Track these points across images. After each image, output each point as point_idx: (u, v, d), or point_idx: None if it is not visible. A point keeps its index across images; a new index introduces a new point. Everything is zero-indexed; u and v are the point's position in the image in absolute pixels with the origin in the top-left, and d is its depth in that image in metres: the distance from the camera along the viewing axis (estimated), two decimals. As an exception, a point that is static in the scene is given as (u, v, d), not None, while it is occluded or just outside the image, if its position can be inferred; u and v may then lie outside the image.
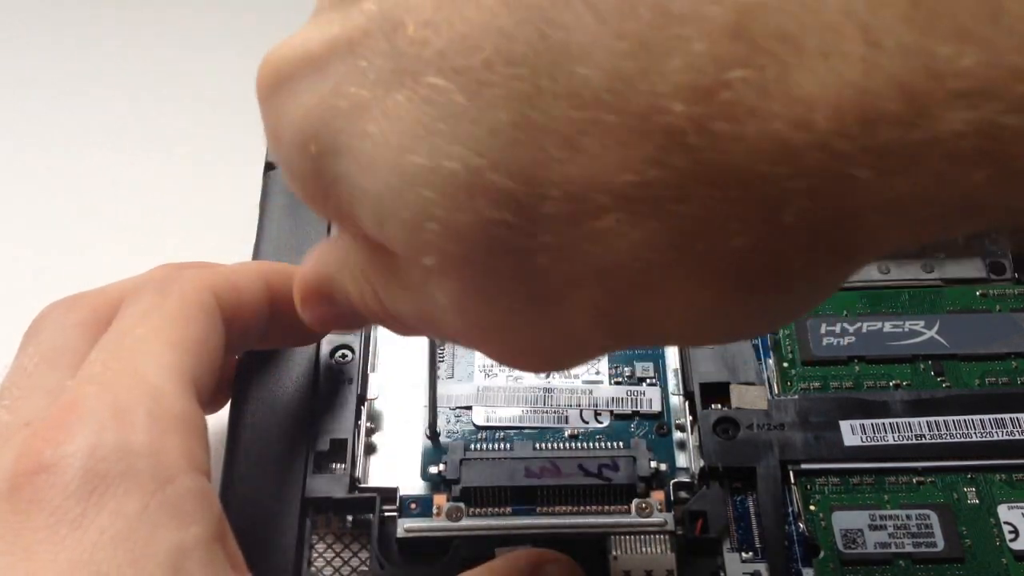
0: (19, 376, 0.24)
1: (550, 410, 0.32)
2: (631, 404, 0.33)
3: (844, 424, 0.31)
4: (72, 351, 0.25)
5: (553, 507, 0.30)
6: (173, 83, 0.49)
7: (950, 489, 0.30)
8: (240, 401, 0.31)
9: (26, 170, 0.46)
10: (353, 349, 0.33)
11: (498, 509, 0.30)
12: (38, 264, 0.42)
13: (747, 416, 0.31)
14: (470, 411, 0.32)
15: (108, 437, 0.21)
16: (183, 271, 0.26)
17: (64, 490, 0.20)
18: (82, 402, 0.22)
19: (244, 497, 0.29)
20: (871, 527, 0.30)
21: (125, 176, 0.45)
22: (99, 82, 0.49)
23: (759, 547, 0.30)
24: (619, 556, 0.29)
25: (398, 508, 0.30)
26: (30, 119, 0.47)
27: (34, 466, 0.20)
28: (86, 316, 0.26)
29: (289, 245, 0.35)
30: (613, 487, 0.30)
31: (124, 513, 0.20)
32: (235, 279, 0.27)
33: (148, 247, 0.42)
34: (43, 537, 0.20)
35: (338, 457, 0.31)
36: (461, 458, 0.30)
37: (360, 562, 0.30)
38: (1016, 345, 0.33)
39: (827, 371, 0.33)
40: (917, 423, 0.31)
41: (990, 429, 0.31)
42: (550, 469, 0.30)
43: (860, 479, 0.31)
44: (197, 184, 0.44)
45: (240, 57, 0.49)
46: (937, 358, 0.33)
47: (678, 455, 0.32)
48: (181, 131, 0.47)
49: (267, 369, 0.32)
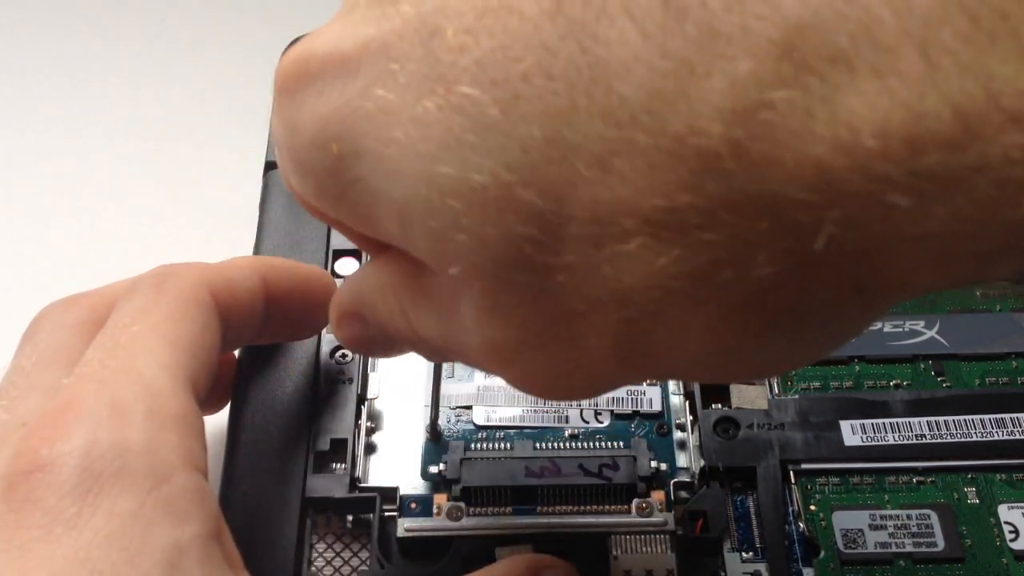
0: (17, 376, 0.24)
1: (550, 410, 0.32)
2: (631, 404, 0.32)
3: (844, 424, 0.31)
4: (69, 351, 0.25)
5: (553, 507, 0.30)
6: (173, 83, 0.49)
7: (950, 489, 0.30)
8: (240, 401, 0.31)
9: (26, 170, 0.46)
10: (353, 349, 0.33)
11: (498, 509, 0.30)
12: (38, 264, 0.42)
13: (747, 416, 0.31)
14: (470, 411, 0.32)
15: (104, 435, 0.21)
16: (178, 269, 0.26)
17: (60, 489, 0.20)
18: (78, 400, 0.22)
19: (244, 496, 0.29)
20: (871, 527, 0.29)
21: (125, 176, 0.45)
22: (99, 82, 0.49)
23: (759, 547, 0.30)
24: (619, 556, 0.29)
25: (398, 508, 0.30)
26: (30, 119, 0.47)
27: (30, 465, 0.20)
28: (84, 316, 0.26)
29: (289, 245, 0.35)
30: (613, 487, 0.30)
31: (120, 512, 0.20)
32: (230, 274, 0.27)
33: (148, 247, 0.42)
34: (39, 536, 0.20)
35: (338, 457, 0.31)
36: (461, 458, 0.30)
37: (360, 562, 0.30)
38: (1016, 345, 0.33)
39: (827, 371, 0.33)
40: (917, 423, 0.31)
41: (990, 429, 0.31)
42: (550, 469, 0.30)
43: (860, 479, 0.31)
44: (197, 184, 0.44)
45: (240, 58, 0.49)
46: (937, 358, 0.33)
47: (678, 455, 0.32)
48: (181, 131, 0.47)
49: (267, 369, 0.32)
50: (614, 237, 0.15)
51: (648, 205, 0.14)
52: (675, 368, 0.19)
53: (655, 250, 0.14)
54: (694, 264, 0.14)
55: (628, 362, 0.17)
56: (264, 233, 0.35)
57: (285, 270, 0.29)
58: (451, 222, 0.16)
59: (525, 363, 0.18)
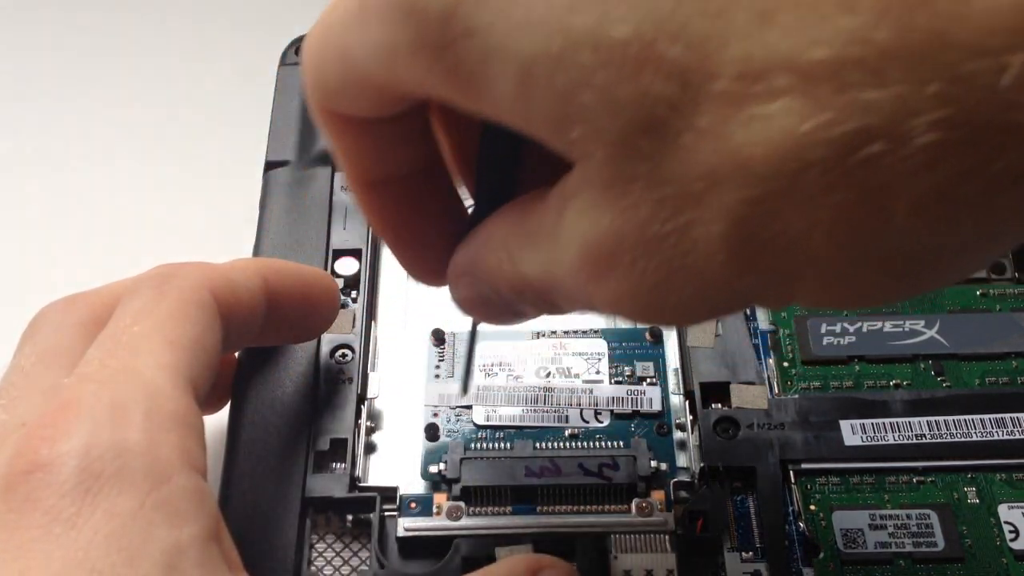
0: (16, 376, 0.24)
1: (550, 409, 0.32)
2: (631, 404, 0.32)
3: (844, 424, 0.31)
4: (69, 351, 0.25)
5: (553, 506, 0.30)
6: (173, 83, 0.49)
7: (950, 489, 0.30)
8: (240, 401, 0.31)
9: (26, 170, 0.46)
10: (353, 348, 0.33)
11: (498, 508, 0.30)
12: (38, 264, 0.42)
13: (747, 416, 0.31)
14: (470, 410, 0.32)
15: (104, 436, 0.21)
16: (180, 269, 0.26)
17: (59, 489, 0.20)
18: (78, 400, 0.22)
19: (244, 497, 0.29)
20: (871, 527, 0.29)
21: (125, 176, 0.45)
22: (99, 83, 0.49)
23: (759, 547, 0.30)
24: (619, 556, 0.29)
25: (398, 507, 0.30)
26: (30, 119, 0.47)
27: (29, 465, 0.20)
28: (83, 316, 0.26)
29: (289, 245, 0.35)
30: (613, 487, 0.30)
31: (119, 512, 0.20)
32: (232, 276, 0.27)
33: (148, 247, 0.42)
34: (37, 536, 0.20)
35: (338, 456, 0.31)
36: (461, 457, 0.30)
37: (360, 561, 0.30)
38: (1016, 345, 0.33)
39: (827, 371, 0.33)
40: (917, 423, 0.31)
41: (990, 429, 0.31)
42: (550, 468, 0.30)
43: (860, 479, 0.31)
44: (197, 184, 0.44)
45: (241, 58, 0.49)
46: (937, 358, 0.33)
47: (678, 455, 0.32)
48: (181, 131, 0.47)
49: (267, 369, 0.32)
50: (759, 97, 0.14)
51: (808, 59, 0.13)
52: (792, 272, 0.16)
53: (801, 113, 0.14)
54: (843, 130, 0.13)
55: (741, 258, 0.16)
56: (264, 233, 0.35)
57: (287, 272, 0.29)
58: (581, 79, 0.15)
59: (625, 268, 0.17)
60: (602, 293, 0.18)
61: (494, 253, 0.21)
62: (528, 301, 0.21)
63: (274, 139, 0.38)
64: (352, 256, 0.35)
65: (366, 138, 0.21)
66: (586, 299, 0.18)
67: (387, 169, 0.22)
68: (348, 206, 0.36)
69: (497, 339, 0.34)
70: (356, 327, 0.33)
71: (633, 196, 0.16)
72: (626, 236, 0.16)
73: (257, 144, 0.38)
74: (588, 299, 0.18)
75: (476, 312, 0.24)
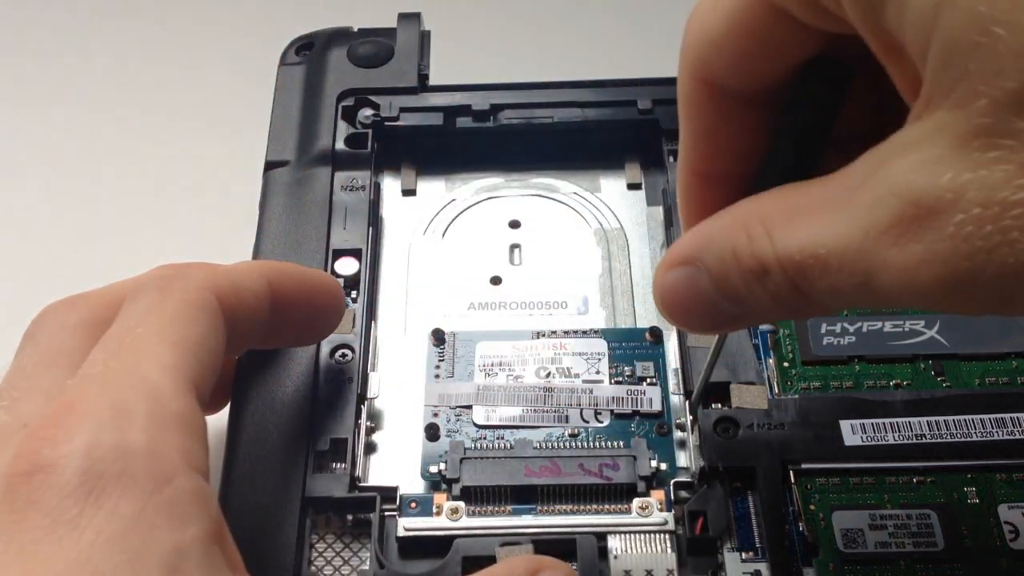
0: (18, 377, 0.24)
1: (550, 409, 0.32)
2: (631, 404, 0.32)
3: (844, 424, 0.31)
4: (71, 352, 0.25)
5: (553, 506, 0.30)
6: (173, 83, 0.49)
7: (950, 489, 0.30)
8: (240, 401, 0.31)
9: (26, 170, 0.46)
10: (353, 349, 0.33)
11: (498, 508, 0.30)
12: (38, 264, 0.42)
13: (747, 416, 0.31)
14: (470, 410, 0.32)
15: (106, 437, 0.21)
16: (185, 270, 0.26)
17: (61, 490, 0.20)
18: (80, 402, 0.21)
19: (244, 497, 0.29)
20: (871, 527, 0.29)
21: (125, 176, 0.45)
22: (100, 83, 0.49)
23: (759, 547, 0.30)
24: (619, 555, 0.29)
25: (398, 507, 0.30)
26: (30, 119, 0.47)
27: (31, 466, 0.20)
28: (85, 317, 0.26)
29: (289, 245, 0.35)
30: (613, 486, 0.30)
31: (121, 513, 0.20)
32: (236, 278, 0.27)
33: (148, 247, 0.42)
34: (40, 537, 0.20)
35: (338, 456, 0.31)
36: (461, 457, 0.30)
37: (360, 561, 0.30)
38: (1016, 345, 0.33)
39: (827, 371, 0.33)
40: (917, 423, 0.31)
41: (990, 429, 0.31)
42: (550, 468, 0.30)
43: (860, 479, 0.30)
44: (197, 184, 0.44)
45: (241, 58, 0.49)
46: (937, 358, 0.33)
47: (678, 455, 0.32)
48: (181, 131, 0.47)
49: (267, 369, 0.32)
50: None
51: None
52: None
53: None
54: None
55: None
56: (264, 233, 0.36)
57: (292, 275, 0.29)
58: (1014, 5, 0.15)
59: (947, 230, 0.16)
60: (902, 258, 0.17)
61: (743, 231, 0.20)
62: (766, 287, 0.20)
63: (274, 139, 0.38)
64: (352, 256, 0.35)
65: (721, 120, 0.22)
66: (865, 272, 0.17)
67: (724, 163, 0.23)
68: (348, 206, 0.36)
69: (497, 339, 0.34)
70: (356, 327, 0.33)
71: (998, 153, 0.15)
72: (965, 194, 0.15)
73: (257, 144, 0.38)
74: (870, 271, 0.17)
75: (682, 311, 0.22)
